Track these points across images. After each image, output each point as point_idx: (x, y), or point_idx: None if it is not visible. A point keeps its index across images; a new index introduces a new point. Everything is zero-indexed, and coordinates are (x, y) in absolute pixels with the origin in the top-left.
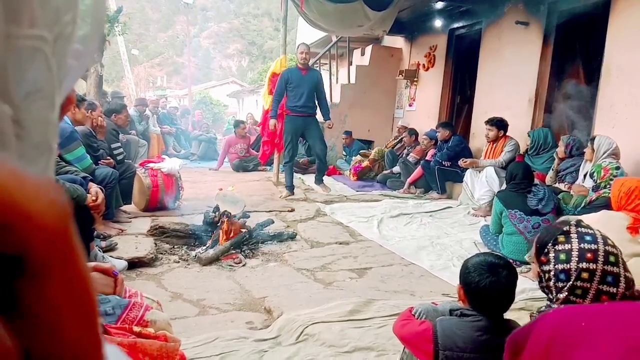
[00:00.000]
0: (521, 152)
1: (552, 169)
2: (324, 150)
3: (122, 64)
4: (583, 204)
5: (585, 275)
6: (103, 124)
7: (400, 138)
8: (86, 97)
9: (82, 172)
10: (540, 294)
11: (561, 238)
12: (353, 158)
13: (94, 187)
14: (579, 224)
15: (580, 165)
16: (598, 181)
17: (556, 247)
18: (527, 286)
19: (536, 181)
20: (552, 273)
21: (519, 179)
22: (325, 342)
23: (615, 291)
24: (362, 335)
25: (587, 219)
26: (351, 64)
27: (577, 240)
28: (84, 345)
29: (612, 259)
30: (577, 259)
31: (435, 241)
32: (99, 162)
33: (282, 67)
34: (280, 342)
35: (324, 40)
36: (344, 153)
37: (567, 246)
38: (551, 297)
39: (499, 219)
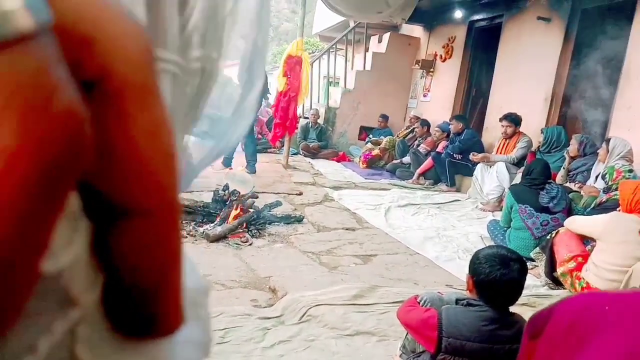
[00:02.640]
0: (533, 149)
1: (564, 167)
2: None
3: None
4: (593, 205)
5: None
6: None
7: (412, 128)
8: None
9: None
10: (543, 291)
11: None
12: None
13: None
14: None
15: (592, 165)
16: (610, 183)
17: None
18: (530, 282)
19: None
20: None
21: (535, 174)
22: (328, 324)
23: None
24: (365, 319)
25: (597, 220)
26: (367, 51)
27: None
28: (162, 195)
29: None
30: None
31: (441, 233)
32: None
33: (298, 50)
34: (283, 321)
35: (341, 25)
36: (371, 135)
37: None
38: None
39: (509, 212)
